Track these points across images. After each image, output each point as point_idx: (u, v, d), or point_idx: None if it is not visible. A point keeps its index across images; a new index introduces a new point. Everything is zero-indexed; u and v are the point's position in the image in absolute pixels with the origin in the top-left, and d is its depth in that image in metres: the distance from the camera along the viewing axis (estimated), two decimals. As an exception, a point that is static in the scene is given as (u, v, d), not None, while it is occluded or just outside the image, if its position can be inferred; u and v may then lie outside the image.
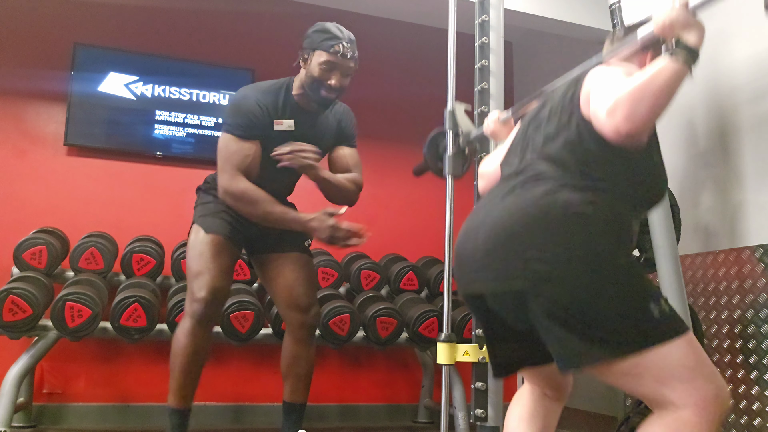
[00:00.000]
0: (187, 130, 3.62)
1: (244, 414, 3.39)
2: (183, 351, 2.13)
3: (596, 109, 1.27)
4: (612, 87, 1.25)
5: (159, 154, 3.55)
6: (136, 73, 3.56)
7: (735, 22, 2.71)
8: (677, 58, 1.21)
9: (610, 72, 1.35)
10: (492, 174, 1.67)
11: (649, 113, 1.18)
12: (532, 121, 1.51)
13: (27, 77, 3.42)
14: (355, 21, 4.03)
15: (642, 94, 1.17)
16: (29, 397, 2.96)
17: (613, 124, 1.19)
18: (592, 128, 1.30)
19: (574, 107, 1.37)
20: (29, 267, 2.92)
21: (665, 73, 1.19)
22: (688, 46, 1.23)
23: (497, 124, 1.93)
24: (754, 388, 2.45)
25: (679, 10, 1.27)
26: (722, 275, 2.64)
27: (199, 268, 2.17)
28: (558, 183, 1.30)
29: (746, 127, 2.64)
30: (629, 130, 1.18)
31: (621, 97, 1.19)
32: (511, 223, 1.29)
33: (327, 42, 2.20)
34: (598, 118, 1.26)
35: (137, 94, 3.56)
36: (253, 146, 2.21)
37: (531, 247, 1.24)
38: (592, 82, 1.35)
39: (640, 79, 1.19)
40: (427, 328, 3.09)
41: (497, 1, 2.51)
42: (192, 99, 3.65)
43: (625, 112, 1.17)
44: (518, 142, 1.52)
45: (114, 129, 3.53)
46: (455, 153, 2.22)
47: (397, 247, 3.78)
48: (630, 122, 1.17)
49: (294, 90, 2.30)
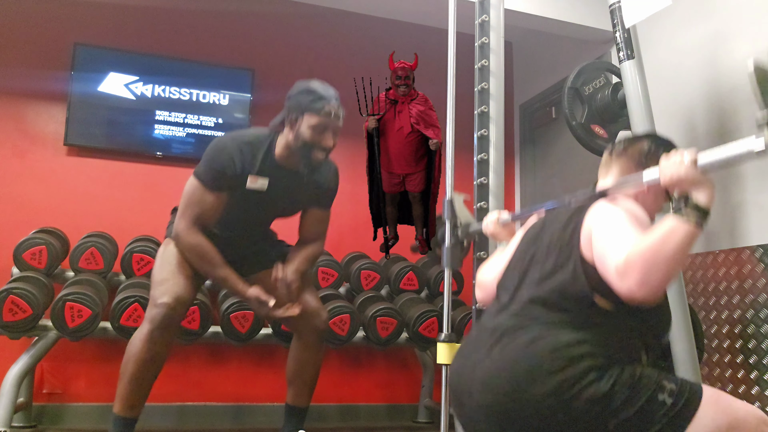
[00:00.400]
0: (187, 130, 3.62)
1: (244, 414, 3.39)
2: (137, 357, 2.03)
3: (605, 266, 1.23)
4: (620, 241, 1.22)
5: (159, 154, 3.55)
6: (136, 73, 3.56)
7: (735, 22, 2.72)
8: (689, 219, 1.17)
9: (615, 215, 1.31)
10: (490, 284, 1.66)
11: (664, 279, 1.15)
12: (531, 246, 1.48)
13: (27, 77, 3.42)
14: (355, 21, 4.03)
15: (655, 259, 1.14)
16: (29, 397, 2.97)
17: (626, 289, 1.16)
18: (591, 272, 1.28)
19: (573, 246, 1.34)
20: (29, 267, 2.92)
21: (678, 236, 1.15)
22: (701, 207, 1.19)
23: (496, 225, 1.92)
24: (754, 388, 2.45)
25: (688, 167, 1.23)
26: (722, 275, 2.64)
27: (163, 276, 2.14)
28: (547, 325, 1.27)
29: (746, 127, 2.64)
30: (644, 296, 1.15)
31: (632, 261, 1.15)
32: (502, 380, 1.25)
33: (316, 104, 2.15)
34: (607, 276, 1.23)
35: (137, 94, 3.56)
36: (219, 198, 2.19)
37: (528, 403, 1.21)
38: (595, 222, 1.32)
39: (652, 240, 1.16)
40: (427, 328, 3.10)
41: (497, 1, 2.51)
42: (192, 99, 3.66)
43: (639, 279, 1.14)
44: (516, 265, 1.50)
45: (114, 129, 3.53)
46: (453, 245, 2.23)
47: (397, 247, 3.77)
48: (645, 289, 1.14)
49: (277, 149, 2.24)
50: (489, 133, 2.43)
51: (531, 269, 1.42)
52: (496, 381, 1.26)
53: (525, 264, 1.45)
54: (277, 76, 3.84)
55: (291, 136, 2.20)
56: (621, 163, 1.53)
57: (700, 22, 2.88)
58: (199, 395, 3.37)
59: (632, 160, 1.52)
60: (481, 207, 2.38)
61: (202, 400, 3.37)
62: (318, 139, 2.17)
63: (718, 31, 2.78)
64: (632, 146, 1.54)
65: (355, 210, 3.85)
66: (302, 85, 2.21)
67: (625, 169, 1.52)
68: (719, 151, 1.23)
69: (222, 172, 2.16)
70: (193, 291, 2.20)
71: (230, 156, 2.17)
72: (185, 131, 3.62)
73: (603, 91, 2.79)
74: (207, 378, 3.39)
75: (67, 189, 3.40)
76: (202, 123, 3.65)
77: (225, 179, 2.17)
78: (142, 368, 2.03)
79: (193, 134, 3.63)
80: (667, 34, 3.06)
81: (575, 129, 2.73)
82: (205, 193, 2.17)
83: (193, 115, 3.63)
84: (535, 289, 1.36)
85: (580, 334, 1.24)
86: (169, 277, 2.13)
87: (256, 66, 3.77)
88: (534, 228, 1.56)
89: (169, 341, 2.09)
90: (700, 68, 2.88)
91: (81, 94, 3.45)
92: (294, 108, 2.18)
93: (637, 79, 2.45)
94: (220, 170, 2.16)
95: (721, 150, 1.23)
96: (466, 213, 2.24)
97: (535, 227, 1.55)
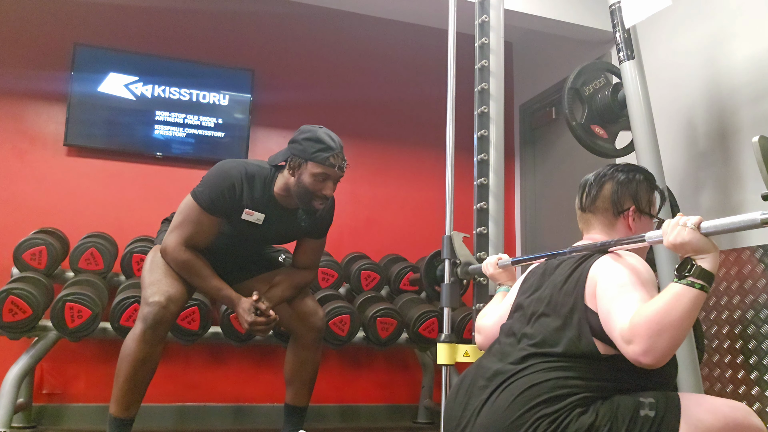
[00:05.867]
0: (187, 130, 3.62)
1: (244, 414, 3.39)
2: (131, 357, 2.02)
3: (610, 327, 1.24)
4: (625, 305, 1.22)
5: (159, 155, 3.55)
6: (136, 74, 3.56)
7: (735, 22, 2.71)
8: (694, 285, 1.16)
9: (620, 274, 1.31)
10: (490, 330, 1.67)
11: (671, 346, 1.14)
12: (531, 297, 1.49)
13: (27, 77, 3.41)
14: (355, 21, 4.03)
15: (660, 326, 1.13)
16: (29, 397, 2.96)
17: (632, 355, 1.16)
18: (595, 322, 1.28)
19: (577, 298, 1.34)
20: (29, 267, 2.92)
21: (684, 302, 1.15)
22: (706, 273, 1.18)
23: (496, 268, 1.93)
24: (755, 388, 2.45)
25: (692, 233, 1.21)
26: (722, 275, 2.64)
27: (154, 277, 2.14)
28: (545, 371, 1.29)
29: (746, 127, 2.64)
30: (651, 363, 1.15)
31: (637, 328, 1.15)
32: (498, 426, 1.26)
33: (321, 154, 2.14)
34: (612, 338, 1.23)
35: (137, 94, 3.56)
36: (214, 221, 2.20)
37: None
38: (600, 277, 1.32)
39: (657, 307, 1.15)
40: (427, 328, 3.09)
41: (497, 2, 2.51)
42: (192, 99, 3.65)
43: (645, 346, 1.14)
44: (518, 313, 1.50)
45: (114, 129, 3.53)
46: (452, 283, 2.24)
47: (397, 247, 3.78)
48: (651, 356, 1.14)
49: (276, 188, 2.24)
50: (489, 134, 2.43)
51: (534, 319, 1.41)
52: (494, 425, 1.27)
53: (528, 314, 1.45)
54: (277, 76, 3.84)
55: (292, 180, 2.19)
56: (599, 217, 1.54)
57: (700, 23, 2.87)
58: (198, 395, 3.36)
59: (606, 211, 1.53)
60: (482, 207, 2.38)
61: (202, 401, 3.37)
62: (319, 188, 2.17)
63: (718, 32, 2.78)
64: (599, 196, 1.54)
65: (355, 210, 3.85)
66: (309, 132, 2.19)
67: (605, 223, 1.53)
68: (723, 221, 1.22)
69: (221, 198, 2.17)
70: (186, 290, 2.20)
71: (232, 184, 2.17)
72: (185, 131, 3.62)
73: (603, 92, 2.79)
74: (207, 378, 3.39)
75: (67, 189, 3.40)
76: (202, 123, 3.65)
77: (223, 205, 2.18)
78: (137, 368, 2.03)
79: (193, 134, 3.63)
80: (667, 34, 3.06)
81: (575, 129, 2.72)
82: (201, 214, 2.17)
83: (193, 116, 3.63)
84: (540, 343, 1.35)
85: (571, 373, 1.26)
86: (161, 278, 2.13)
87: (256, 66, 3.77)
88: (535, 275, 1.56)
89: (161, 339, 2.09)
90: (700, 68, 2.88)
91: (81, 94, 3.45)
92: (298, 153, 2.16)
93: (637, 80, 2.45)
94: (220, 196, 2.16)
95: (725, 221, 1.21)
96: (465, 251, 2.25)
97: (535, 274, 1.56)
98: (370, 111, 4.00)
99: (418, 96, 4.02)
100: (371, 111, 4.00)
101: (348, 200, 3.79)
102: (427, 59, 3.79)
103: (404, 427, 3.47)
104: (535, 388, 1.26)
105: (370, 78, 4.03)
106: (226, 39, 3.80)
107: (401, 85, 4.06)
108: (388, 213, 3.93)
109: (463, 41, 2.53)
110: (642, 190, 1.53)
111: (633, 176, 1.55)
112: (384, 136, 3.99)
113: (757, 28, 2.62)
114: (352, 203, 3.82)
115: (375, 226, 3.89)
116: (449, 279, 2.24)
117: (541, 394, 1.25)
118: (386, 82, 4.03)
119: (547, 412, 1.22)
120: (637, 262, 1.35)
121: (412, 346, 3.27)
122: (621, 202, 1.52)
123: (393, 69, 4.08)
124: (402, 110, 4.07)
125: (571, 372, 1.27)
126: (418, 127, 4.03)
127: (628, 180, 1.53)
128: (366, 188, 3.93)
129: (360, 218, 3.88)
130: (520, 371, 1.32)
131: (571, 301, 1.35)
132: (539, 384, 1.27)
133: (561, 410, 1.22)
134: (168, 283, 2.12)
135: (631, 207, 1.51)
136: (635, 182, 1.53)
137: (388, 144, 3.99)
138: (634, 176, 1.55)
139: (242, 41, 3.84)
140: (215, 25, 3.80)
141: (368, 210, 3.89)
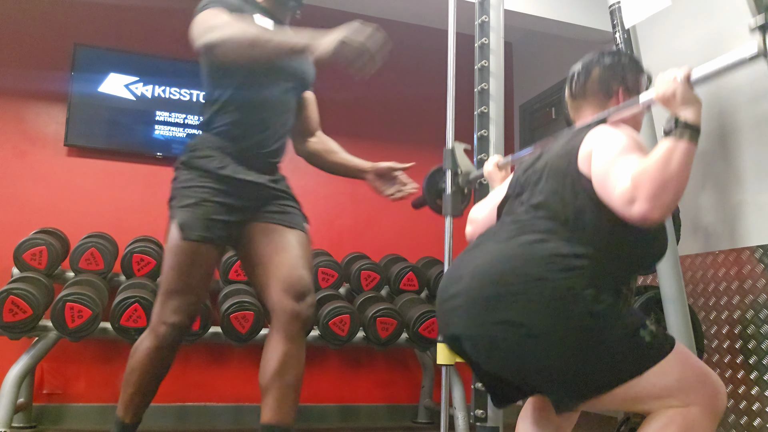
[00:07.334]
0: (188, 130, 3.62)
1: (244, 414, 3.39)
2: (141, 369, 1.88)
3: (606, 189, 1.26)
4: (623, 166, 1.23)
5: (159, 155, 3.55)
6: (136, 74, 3.56)
7: (735, 23, 2.71)
8: (682, 137, 1.20)
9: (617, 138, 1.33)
10: (481, 221, 1.68)
11: (674, 197, 1.18)
12: (527, 171, 1.50)
13: (27, 78, 3.42)
14: (355, 21, 4.03)
15: (663, 178, 1.16)
16: (29, 397, 2.96)
17: (638, 212, 1.18)
18: (589, 189, 1.30)
19: (571, 164, 1.36)
20: (29, 267, 2.92)
21: (678, 154, 1.18)
22: (690, 124, 1.22)
23: (495, 168, 1.94)
24: (754, 388, 2.45)
25: (682, 85, 1.26)
26: (722, 276, 2.64)
27: (175, 285, 1.85)
28: (547, 234, 1.30)
29: (746, 127, 2.64)
30: (658, 216, 1.18)
31: (641, 183, 1.17)
32: (495, 269, 1.28)
33: None
34: (609, 199, 1.25)
35: (137, 94, 3.56)
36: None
37: (512, 295, 1.23)
38: (595, 143, 1.34)
39: (654, 161, 1.18)
40: (427, 328, 3.09)
41: (497, 2, 2.51)
42: (192, 99, 3.65)
43: (651, 200, 1.16)
44: (512, 192, 1.52)
45: (114, 129, 3.53)
46: (454, 192, 2.23)
47: (397, 247, 3.78)
48: (658, 209, 1.17)
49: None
50: (489, 134, 2.43)
51: (530, 188, 1.44)
52: (488, 269, 1.29)
53: (522, 186, 1.48)
54: (277, 76, 3.84)
55: None
56: (590, 101, 1.55)
57: (700, 23, 2.87)
58: (199, 395, 3.37)
59: (596, 95, 1.54)
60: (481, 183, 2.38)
61: (202, 401, 3.37)
62: None
63: (718, 32, 2.78)
64: (588, 81, 1.56)
65: (356, 210, 3.85)
66: None
67: (596, 105, 1.54)
68: (713, 63, 1.28)
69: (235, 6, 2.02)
70: (206, 294, 2.06)
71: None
72: (185, 132, 3.62)
73: (603, 92, 2.79)
74: (207, 378, 3.39)
75: (68, 189, 3.40)
76: (202, 123, 3.65)
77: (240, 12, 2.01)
78: (148, 379, 1.90)
79: (193, 135, 3.62)
80: (666, 34, 3.06)
81: (575, 129, 2.72)
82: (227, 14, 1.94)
83: (194, 116, 3.63)
84: (535, 204, 1.38)
85: (579, 249, 1.27)
86: (181, 289, 1.84)
87: (256, 66, 3.77)
88: (528, 160, 1.58)
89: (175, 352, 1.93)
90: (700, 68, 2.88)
91: (81, 94, 3.45)
92: None
93: (637, 80, 2.45)
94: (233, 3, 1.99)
95: (715, 62, 1.28)
96: (466, 161, 2.25)
97: (529, 159, 1.57)
98: (370, 111, 4.00)
99: (418, 96, 4.02)
100: (371, 111, 4.00)
101: (348, 200, 3.79)
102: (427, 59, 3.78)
103: (404, 427, 3.48)
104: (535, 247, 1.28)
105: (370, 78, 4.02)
106: (226, 39, 3.80)
107: (401, 85, 4.06)
108: (388, 213, 3.92)
109: (463, 41, 2.53)
110: (629, 71, 1.55)
111: (619, 59, 1.57)
112: (383, 136, 3.98)
113: (757, 28, 2.62)
114: (352, 203, 3.82)
115: (375, 226, 3.89)
116: (451, 189, 2.23)
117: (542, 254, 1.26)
118: (386, 82, 4.02)
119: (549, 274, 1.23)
120: (631, 131, 1.38)
121: (412, 346, 3.27)
122: (610, 84, 1.53)
123: (393, 69, 4.07)
124: (402, 110, 4.07)
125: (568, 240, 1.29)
126: (418, 127, 4.03)
127: (614, 63, 1.55)
128: (366, 188, 3.91)
129: (360, 218, 3.87)
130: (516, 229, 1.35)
131: (565, 164, 1.37)
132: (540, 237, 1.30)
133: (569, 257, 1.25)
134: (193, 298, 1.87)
135: (620, 88, 1.53)
136: (621, 65, 1.56)
137: (388, 144, 3.99)
138: (620, 59, 1.57)
139: (242, 41, 3.84)
140: (215, 26, 3.80)
141: (368, 210, 3.89)
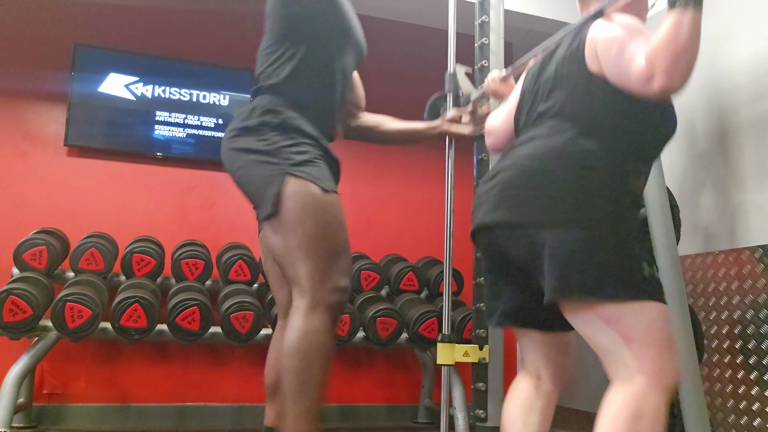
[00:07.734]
0: (188, 130, 3.62)
1: (244, 414, 3.39)
2: (326, 354, 1.58)
3: (621, 73, 1.29)
4: (633, 49, 1.27)
5: (159, 155, 3.55)
6: (136, 74, 3.56)
7: (735, 22, 2.72)
8: (688, 6, 1.25)
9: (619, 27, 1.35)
10: (499, 129, 1.69)
11: (689, 66, 1.22)
12: (537, 81, 1.52)
13: (27, 78, 3.41)
14: (355, 21, 4.03)
15: (676, 49, 1.20)
16: (29, 397, 2.97)
17: (658, 87, 1.21)
18: (603, 86, 1.33)
19: (580, 66, 1.38)
20: (29, 267, 2.92)
21: (685, 24, 1.22)
22: None
23: (497, 82, 1.93)
24: (754, 388, 2.45)
25: None
26: (722, 275, 2.64)
27: (338, 244, 1.62)
28: (575, 132, 1.34)
29: (746, 127, 2.64)
30: (678, 87, 1.21)
31: (656, 59, 1.21)
32: (531, 163, 1.35)
33: None
34: (626, 82, 1.28)
35: (137, 94, 3.56)
36: None
37: (548, 185, 1.30)
38: (599, 36, 1.36)
39: (664, 35, 1.21)
40: (427, 328, 3.09)
41: (497, 2, 2.51)
42: (192, 99, 3.65)
43: (669, 72, 1.20)
44: (528, 97, 1.53)
45: (114, 130, 3.53)
46: None
47: (397, 247, 3.78)
48: (677, 79, 1.20)
49: None
50: (489, 134, 2.42)
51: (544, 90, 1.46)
52: (528, 162, 1.36)
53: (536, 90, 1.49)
54: (277, 76, 3.84)
55: None
56: None
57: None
58: (199, 395, 3.36)
59: None
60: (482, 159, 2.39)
61: (202, 401, 3.37)
62: None
63: (718, 31, 2.78)
64: None
65: (356, 210, 3.85)
66: None
67: None
68: None
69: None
70: None
71: None
72: (185, 132, 3.62)
73: (603, 91, 2.79)
74: (207, 378, 3.39)
75: (68, 189, 3.40)
76: (202, 123, 3.65)
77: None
78: (328, 366, 1.60)
79: (193, 135, 3.63)
80: (667, 34, 3.05)
81: (575, 129, 2.72)
82: None
83: (194, 116, 3.63)
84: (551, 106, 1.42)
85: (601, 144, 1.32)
86: (344, 248, 1.64)
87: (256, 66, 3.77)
88: (536, 65, 1.58)
89: None
90: (700, 68, 2.87)
91: (81, 94, 3.45)
92: None
93: (637, 80, 2.45)
94: None
95: None
96: (467, 83, 2.25)
97: (537, 64, 1.57)
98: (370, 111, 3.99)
99: (418, 96, 4.01)
100: (371, 111, 3.99)
101: (348, 200, 3.77)
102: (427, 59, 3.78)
103: (404, 427, 3.48)
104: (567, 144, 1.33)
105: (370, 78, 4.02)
106: (226, 39, 3.80)
107: (401, 85, 4.06)
108: (388, 213, 3.93)
109: (463, 41, 2.53)
110: None
111: None
112: (384, 136, 3.98)
113: (757, 28, 2.62)
114: (352, 203, 3.82)
115: (375, 226, 3.89)
116: None
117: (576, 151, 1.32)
118: (386, 82, 4.02)
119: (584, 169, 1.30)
120: (629, 18, 1.40)
121: (412, 346, 3.27)
122: None
123: (393, 69, 4.08)
124: (402, 110, 4.05)
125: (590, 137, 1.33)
126: (418, 127, 4.02)
127: None
128: (366, 188, 3.93)
129: (360, 218, 3.87)
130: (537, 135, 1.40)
131: (575, 67, 1.39)
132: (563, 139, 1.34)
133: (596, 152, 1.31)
134: (349, 259, 1.68)
135: None
136: None
137: (388, 144, 3.99)
138: None
139: (242, 41, 3.83)
140: (215, 25, 3.80)
141: (368, 210, 3.89)
